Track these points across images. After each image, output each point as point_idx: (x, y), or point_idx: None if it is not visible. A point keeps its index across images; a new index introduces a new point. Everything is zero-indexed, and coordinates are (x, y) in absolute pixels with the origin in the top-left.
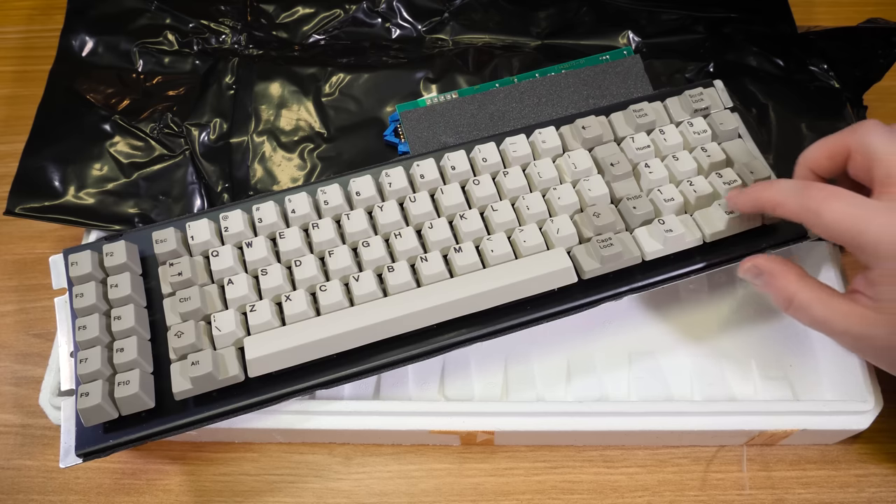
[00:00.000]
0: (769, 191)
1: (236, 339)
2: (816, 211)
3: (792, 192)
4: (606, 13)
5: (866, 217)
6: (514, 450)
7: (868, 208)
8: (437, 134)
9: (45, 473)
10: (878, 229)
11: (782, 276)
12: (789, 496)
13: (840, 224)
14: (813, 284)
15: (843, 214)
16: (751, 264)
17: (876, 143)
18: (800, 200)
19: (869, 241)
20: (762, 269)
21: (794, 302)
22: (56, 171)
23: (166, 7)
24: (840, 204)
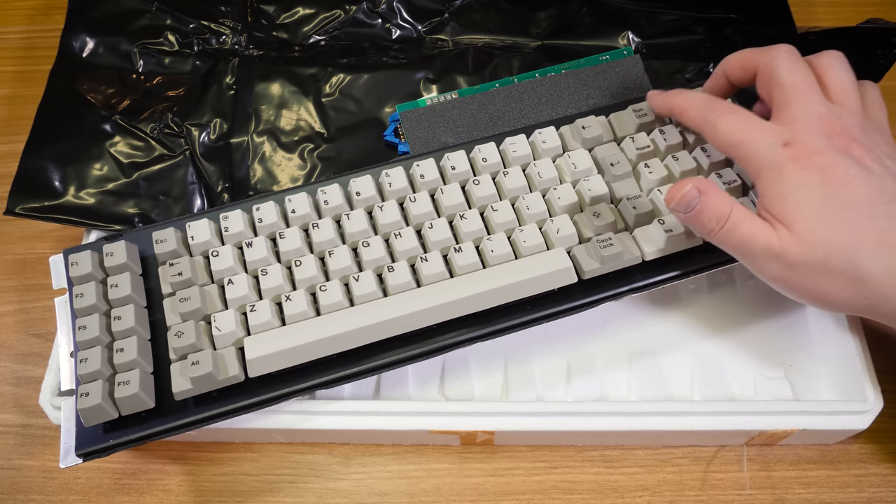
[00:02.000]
0: (680, 97)
1: (236, 339)
2: (714, 122)
3: (700, 103)
4: (606, 14)
5: (755, 132)
6: (514, 450)
7: (760, 126)
8: (437, 134)
9: (45, 473)
10: (762, 143)
11: (719, 195)
12: (789, 496)
13: (731, 135)
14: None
15: (736, 127)
16: (690, 186)
17: (781, 67)
18: (702, 112)
19: (753, 152)
20: (701, 189)
21: (727, 221)
22: (56, 171)
23: (167, 8)
24: (735, 118)
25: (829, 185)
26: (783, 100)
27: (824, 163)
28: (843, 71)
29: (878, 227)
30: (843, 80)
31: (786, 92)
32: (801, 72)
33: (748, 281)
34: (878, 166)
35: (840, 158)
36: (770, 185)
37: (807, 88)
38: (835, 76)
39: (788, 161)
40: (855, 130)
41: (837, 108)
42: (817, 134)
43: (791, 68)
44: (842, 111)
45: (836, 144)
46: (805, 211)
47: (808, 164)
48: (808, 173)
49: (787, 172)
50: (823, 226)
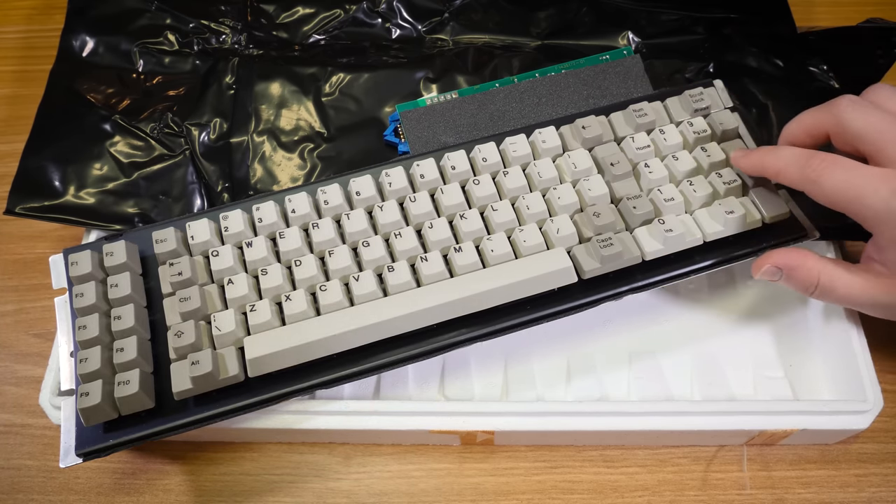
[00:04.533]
0: (772, 157)
1: (236, 339)
2: (816, 180)
3: (794, 161)
4: (606, 13)
5: (865, 184)
6: (514, 450)
7: (867, 176)
8: (437, 134)
9: (45, 473)
10: (875, 195)
11: (802, 266)
12: (789, 496)
13: (840, 192)
14: (830, 264)
15: (843, 182)
16: (768, 266)
17: (854, 121)
18: (800, 170)
19: (869, 207)
20: (781, 266)
21: (819, 286)
22: (56, 170)
23: (166, 7)
24: (839, 172)
25: None
26: (876, 149)
27: None
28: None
29: None
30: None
31: (874, 141)
32: (875, 114)
33: (748, 281)
34: None
35: None
36: (885, 242)
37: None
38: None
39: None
40: None
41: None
42: None
43: (863, 116)
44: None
45: None
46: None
47: None
48: None
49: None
50: None
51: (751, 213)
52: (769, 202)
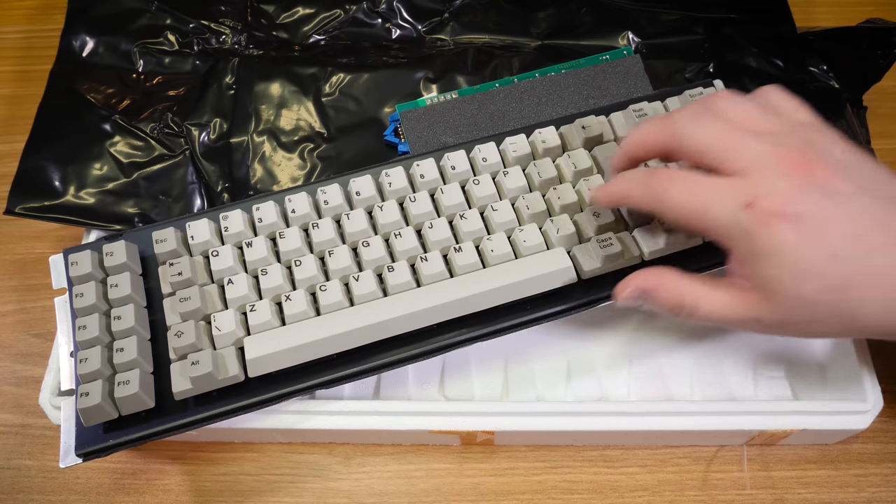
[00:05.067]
0: (618, 183)
1: (236, 339)
2: (659, 197)
3: (636, 181)
4: (606, 13)
5: (710, 196)
6: (514, 450)
7: (711, 187)
8: (437, 134)
9: (45, 473)
10: (722, 207)
11: (661, 288)
12: (789, 496)
13: (685, 208)
14: (692, 283)
15: (687, 197)
16: (628, 291)
17: (690, 137)
18: (643, 189)
19: (715, 220)
20: (641, 290)
21: (684, 307)
22: (56, 170)
23: (166, 7)
24: (682, 185)
25: (807, 241)
26: (719, 161)
27: (796, 212)
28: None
29: (865, 265)
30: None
31: (715, 154)
32: (712, 126)
33: None
34: (848, 183)
35: (811, 198)
36: (742, 255)
37: (734, 134)
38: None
39: (756, 225)
40: (808, 149)
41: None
42: (776, 176)
43: (700, 131)
44: (783, 136)
45: (800, 182)
46: (786, 279)
47: (779, 222)
48: (782, 235)
49: (760, 240)
50: (808, 288)
51: None
52: None
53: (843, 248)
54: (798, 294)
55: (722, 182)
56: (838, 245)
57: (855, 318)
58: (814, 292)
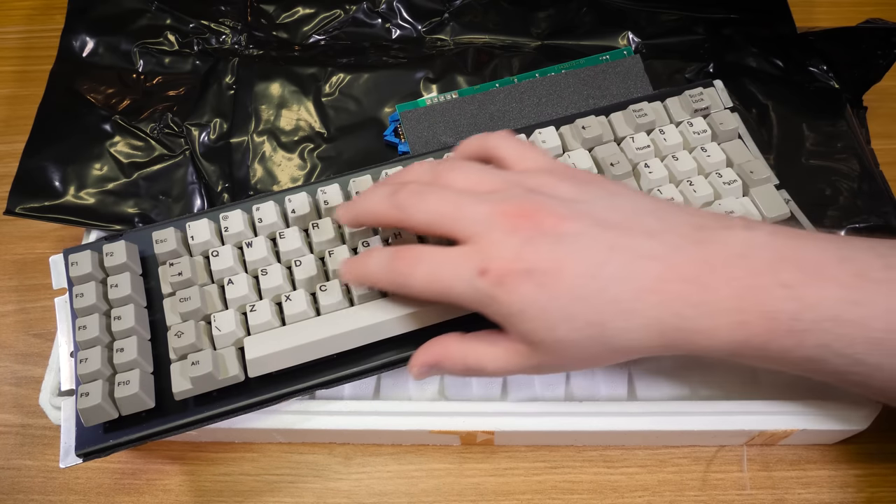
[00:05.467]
0: (362, 266)
1: (236, 339)
2: (405, 283)
3: (380, 266)
4: (606, 13)
5: (449, 273)
6: (514, 450)
7: (447, 262)
8: (437, 134)
9: (45, 473)
10: (460, 281)
11: (445, 356)
12: (789, 496)
13: (430, 289)
14: (472, 343)
15: (429, 277)
16: (418, 367)
17: (416, 216)
18: (388, 274)
19: (459, 296)
20: (432, 363)
21: (471, 369)
22: (56, 170)
23: (166, 7)
24: (423, 267)
25: (547, 291)
26: (449, 232)
27: (527, 267)
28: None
29: (608, 297)
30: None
31: (444, 224)
32: (434, 197)
33: None
34: (575, 221)
35: (540, 248)
36: (495, 318)
37: (457, 202)
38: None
39: (495, 289)
40: (530, 200)
41: (501, 192)
42: (502, 236)
43: (424, 207)
44: (507, 191)
45: (526, 235)
46: (540, 330)
47: (514, 281)
48: (521, 291)
49: (503, 301)
50: (563, 332)
51: (750, 214)
52: (769, 202)
53: (582, 288)
54: (556, 339)
55: (457, 253)
56: (577, 286)
57: (623, 346)
58: (570, 333)
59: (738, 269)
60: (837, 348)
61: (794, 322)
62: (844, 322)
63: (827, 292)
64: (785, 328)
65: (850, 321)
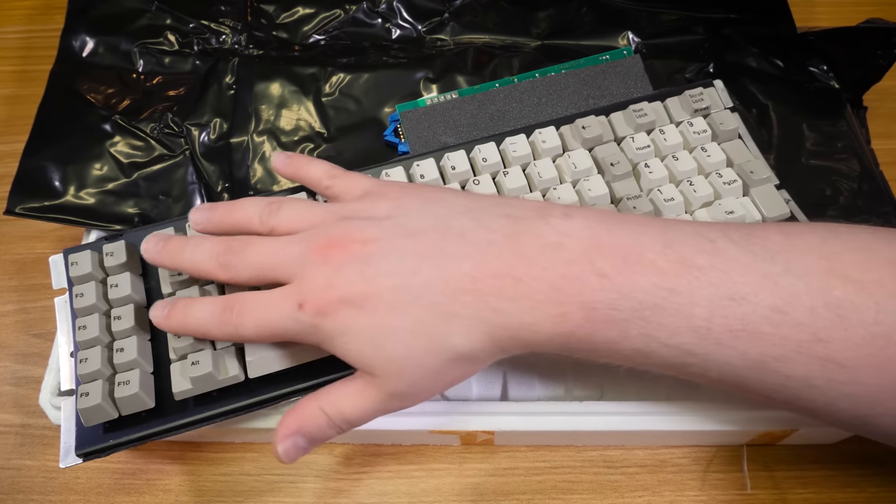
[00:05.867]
0: (189, 316)
1: None
2: (238, 334)
3: (211, 319)
4: (606, 13)
5: (273, 315)
6: (514, 450)
7: (269, 304)
8: (437, 134)
9: (45, 473)
10: (285, 319)
11: (304, 418)
12: (790, 496)
13: (262, 335)
14: (324, 394)
15: (258, 324)
16: (282, 443)
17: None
18: (221, 327)
19: (287, 333)
20: (292, 431)
21: (333, 421)
22: (56, 170)
23: (166, 7)
24: (251, 315)
25: (363, 311)
26: (273, 276)
27: (341, 294)
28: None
29: (424, 304)
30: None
31: (267, 273)
32: (255, 246)
33: None
34: (383, 241)
35: (349, 274)
36: (330, 349)
37: (272, 248)
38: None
39: (315, 319)
40: (338, 230)
41: (317, 227)
42: (315, 269)
43: (247, 259)
44: (322, 225)
45: (336, 263)
46: (369, 349)
47: (331, 308)
48: (340, 317)
49: (323, 327)
50: (390, 348)
51: (750, 214)
52: (769, 202)
53: (397, 300)
54: (389, 357)
55: (279, 294)
56: (391, 299)
57: (458, 353)
58: (399, 348)
59: (552, 260)
60: (662, 339)
61: (614, 312)
62: (664, 311)
63: (644, 280)
64: (604, 318)
65: (670, 310)
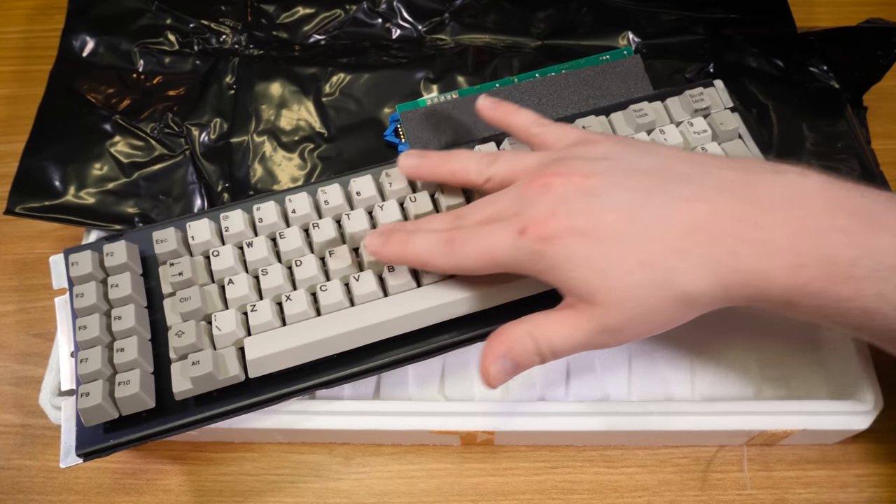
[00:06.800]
0: (411, 246)
1: (237, 339)
2: (459, 264)
3: (433, 249)
4: (606, 14)
5: (493, 243)
6: (514, 450)
7: (490, 232)
8: (438, 134)
9: (45, 473)
10: (503, 247)
11: (512, 342)
12: (790, 496)
13: (482, 264)
14: (535, 322)
15: (478, 253)
16: (493, 370)
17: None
18: (444, 257)
19: (507, 262)
20: (502, 353)
21: (540, 350)
22: (56, 170)
23: (167, 7)
24: (473, 245)
25: (587, 239)
26: (497, 184)
27: (565, 221)
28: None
29: (653, 238)
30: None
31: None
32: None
33: None
34: (606, 176)
35: (574, 204)
36: (549, 278)
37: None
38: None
39: (537, 245)
40: (558, 164)
41: (542, 148)
42: (535, 199)
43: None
44: (546, 158)
45: (559, 193)
46: (592, 276)
47: (555, 234)
48: (563, 243)
49: (546, 254)
50: (615, 278)
51: None
52: None
53: (623, 232)
54: (612, 286)
55: (500, 224)
56: (617, 230)
57: (683, 293)
58: (624, 278)
59: (792, 211)
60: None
61: (853, 268)
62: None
63: (884, 241)
64: (844, 274)
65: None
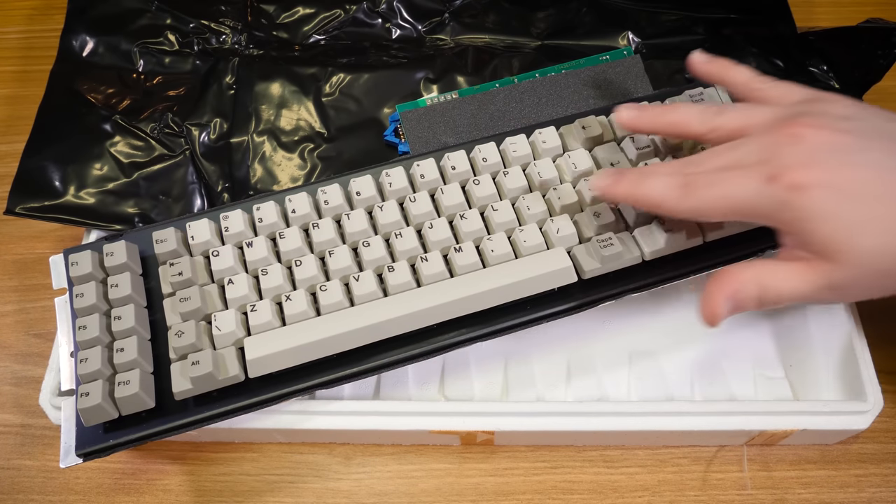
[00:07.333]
0: (647, 187)
1: (236, 339)
2: (698, 207)
3: (670, 191)
4: (606, 14)
5: (735, 190)
6: (514, 450)
7: (734, 178)
8: (437, 134)
9: (45, 473)
10: (746, 193)
11: (741, 282)
12: (790, 496)
13: (718, 206)
14: (763, 266)
15: (718, 199)
16: (721, 308)
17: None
18: (682, 201)
19: (750, 209)
20: (728, 294)
21: (764, 296)
22: (56, 170)
23: (166, 7)
24: (711, 191)
25: (841, 194)
26: (724, 135)
27: (818, 173)
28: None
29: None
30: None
31: (682, 130)
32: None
33: None
34: (856, 135)
35: (827, 158)
36: (789, 227)
37: (688, 113)
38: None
39: (787, 194)
40: (807, 115)
41: (765, 102)
42: (785, 147)
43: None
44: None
45: (810, 145)
46: (841, 234)
47: (806, 185)
48: (815, 195)
49: (795, 204)
50: (866, 238)
51: None
52: None
53: (880, 190)
54: (859, 246)
55: (744, 170)
56: (873, 188)
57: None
58: (875, 239)
59: None
60: None
61: None
62: None
63: None
64: None
65: None
